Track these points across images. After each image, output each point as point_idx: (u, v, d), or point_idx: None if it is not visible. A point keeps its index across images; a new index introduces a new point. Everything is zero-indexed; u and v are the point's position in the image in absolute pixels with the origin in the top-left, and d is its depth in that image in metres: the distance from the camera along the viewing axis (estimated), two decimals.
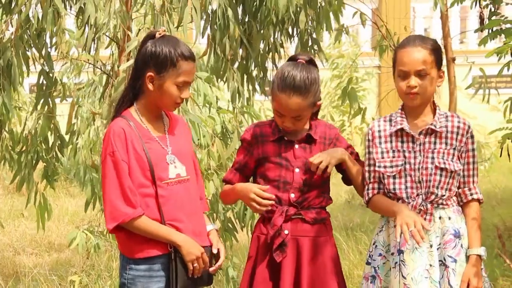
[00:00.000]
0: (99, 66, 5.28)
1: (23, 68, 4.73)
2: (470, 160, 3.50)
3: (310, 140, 3.53)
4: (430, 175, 3.43)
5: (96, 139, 5.85)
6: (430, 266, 3.41)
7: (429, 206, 3.43)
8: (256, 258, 3.51)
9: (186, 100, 3.40)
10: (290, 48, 5.31)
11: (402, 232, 3.28)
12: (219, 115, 5.12)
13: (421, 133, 3.47)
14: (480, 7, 5.27)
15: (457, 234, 3.43)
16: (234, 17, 4.50)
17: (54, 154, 5.00)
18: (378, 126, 3.56)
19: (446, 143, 3.46)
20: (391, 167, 3.48)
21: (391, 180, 3.48)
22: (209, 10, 4.61)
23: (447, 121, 3.48)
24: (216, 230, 3.53)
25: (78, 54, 5.93)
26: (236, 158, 3.64)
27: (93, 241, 5.93)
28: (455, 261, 3.41)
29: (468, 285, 3.37)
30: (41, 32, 4.58)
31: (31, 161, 4.96)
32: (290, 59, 3.55)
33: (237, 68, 4.76)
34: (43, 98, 4.86)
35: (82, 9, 4.33)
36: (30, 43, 4.68)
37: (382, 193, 3.54)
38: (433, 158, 3.44)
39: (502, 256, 6.18)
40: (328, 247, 3.53)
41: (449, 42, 6.95)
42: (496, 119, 10.26)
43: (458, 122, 3.48)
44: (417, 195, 3.44)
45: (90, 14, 4.20)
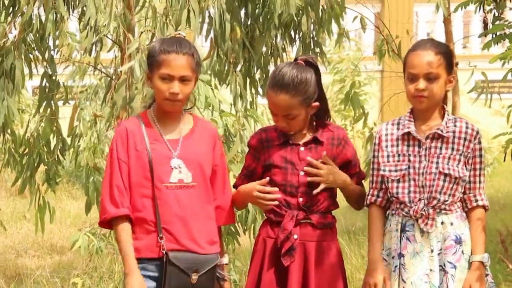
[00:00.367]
0: (102, 69, 5.29)
1: (26, 71, 4.74)
2: (477, 166, 3.47)
3: (317, 142, 3.51)
4: (434, 180, 3.41)
5: (98, 142, 5.86)
6: (430, 271, 3.39)
7: (431, 211, 3.41)
8: (262, 261, 3.50)
9: (188, 97, 3.38)
10: (292, 52, 5.32)
11: None
12: (222, 118, 5.12)
13: (427, 137, 3.45)
14: (484, 12, 5.27)
15: (458, 240, 3.41)
16: (236, 20, 4.51)
17: (56, 157, 5.00)
18: (386, 129, 3.55)
19: (453, 148, 3.43)
20: (396, 171, 3.47)
21: (395, 184, 3.47)
22: (211, 14, 4.62)
23: (455, 126, 3.45)
24: (225, 264, 3.52)
25: (80, 57, 5.93)
26: (244, 164, 3.63)
27: (95, 243, 5.93)
28: (455, 267, 3.39)
29: None
30: (43, 35, 4.59)
31: (33, 163, 4.97)
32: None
33: (239, 71, 4.76)
34: (46, 101, 4.87)
35: (84, 12, 4.33)
36: (33, 46, 4.68)
37: (380, 201, 3.54)
38: (437, 163, 3.41)
39: (505, 261, 6.18)
40: (334, 252, 3.53)
41: (452, 46, 6.95)
42: (499, 124, 10.24)
43: (466, 128, 3.45)
44: (419, 200, 3.42)
45: (91, 16, 4.21)
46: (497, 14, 5.19)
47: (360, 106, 6.21)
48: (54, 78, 4.83)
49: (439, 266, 3.40)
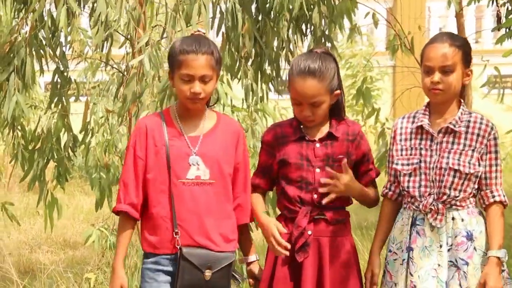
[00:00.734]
0: (114, 65, 5.30)
1: (37, 67, 4.76)
2: (493, 162, 3.43)
3: (332, 138, 3.51)
4: (443, 176, 3.39)
5: (110, 138, 5.87)
6: (439, 266, 3.39)
7: (440, 206, 3.40)
8: (276, 257, 3.50)
9: (210, 95, 3.41)
10: (303, 48, 5.31)
11: None
12: (233, 113, 5.12)
13: (440, 131, 3.44)
14: (497, 6, 5.24)
15: (469, 237, 3.40)
16: (248, 14, 4.50)
17: (67, 153, 5.01)
18: (401, 123, 3.54)
19: (465, 144, 3.41)
20: (407, 165, 3.46)
21: (406, 178, 3.46)
22: (223, 8, 4.62)
23: (469, 121, 3.43)
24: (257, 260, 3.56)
25: (92, 53, 5.94)
26: (259, 160, 3.63)
27: (109, 239, 5.94)
28: (467, 263, 3.38)
29: (485, 285, 3.32)
30: (55, 31, 4.60)
31: (43, 160, 4.98)
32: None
33: (250, 65, 4.76)
34: (57, 97, 4.88)
35: (95, 7, 4.35)
36: (44, 43, 4.69)
37: (391, 195, 3.56)
38: (448, 158, 3.40)
39: None
40: (348, 247, 3.53)
41: None
42: (511, 119, 10.20)
43: (481, 123, 3.42)
44: (429, 195, 3.41)
45: (101, 11, 4.22)
46: (510, 8, 5.16)
47: (371, 102, 6.20)
48: (65, 74, 4.84)
49: (451, 261, 3.39)
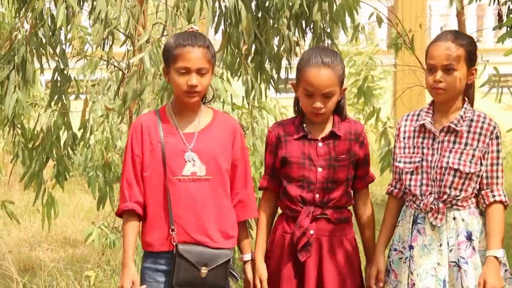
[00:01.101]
0: (114, 63, 5.29)
1: (37, 65, 4.75)
2: (494, 161, 3.42)
3: (335, 137, 3.51)
4: (443, 175, 3.39)
5: (110, 136, 5.86)
6: (438, 264, 3.39)
7: (441, 205, 3.40)
8: (280, 257, 3.51)
9: (206, 89, 3.40)
10: (305, 46, 5.30)
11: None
12: (233, 111, 5.11)
13: (442, 130, 3.43)
14: (498, 4, 5.22)
15: (468, 236, 3.40)
16: (248, 11, 4.49)
17: (66, 151, 5.00)
18: (405, 121, 3.54)
19: (466, 143, 3.40)
20: (410, 163, 3.46)
21: (408, 176, 3.47)
22: (222, 6, 4.61)
23: (472, 120, 3.42)
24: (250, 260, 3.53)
25: (92, 51, 5.93)
26: (265, 163, 3.64)
27: (109, 237, 5.94)
28: (467, 262, 3.37)
29: (485, 285, 3.31)
30: (55, 29, 4.59)
31: (42, 158, 4.97)
32: None
33: (250, 62, 4.75)
34: (57, 95, 4.88)
35: (94, 6, 4.34)
36: (44, 41, 4.69)
37: (396, 193, 3.56)
38: (449, 157, 3.39)
39: None
40: (350, 246, 3.54)
41: None
42: (511, 118, 10.18)
43: (483, 123, 3.41)
44: (430, 194, 3.41)
45: (101, 9, 4.22)
46: None
47: (372, 101, 6.19)
48: (65, 72, 4.84)
49: (453, 262, 3.39)
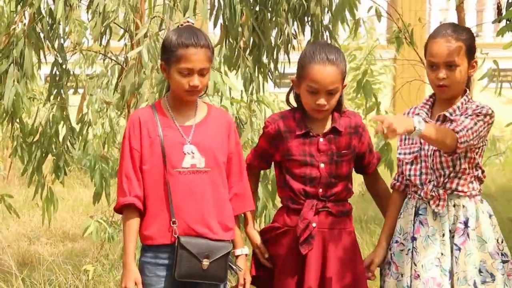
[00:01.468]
0: (112, 57, 5.28)
1: (36, 59, 4.75)
2: (469, 116, 3.34)
3: (336, 132, 3.52)
4: (436, 157, 3.40)
5: (109, 130, 5.86)
6: (442, 255, 3.40)
7: (441, 191, 3.41)
8: (281, 250, 3.54)
9: (205, 87, 3.41)
10: (304, 40, 5.29)
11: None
12: (232, 105, 5.10)
13: (438, 119, 3.44)
14: None
15: (465, 223, 3.41)
16: (245, 4, 4.48)
17: (65, 146, 5.00)
18: (407, 113, 3.56)
19: None
20: (409, 154, 3.49)
21: (408, 166, 3.49)
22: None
23: (467, 108, 3.42)
24: (245, 255, 3.55)
25: (88, 43, 5.92)
26: (258, 144, 3.64)
27: (107, 231, 5.94)
28: (459, 249, 3.39)
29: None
30: (53, 24, 4.59)
31: (41, 153, 4.97)
32: None
33: (248, 54, 4.74)
34: (56, 89, 4.88)
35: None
36: (42, 36, 4.68)
37: (398, 186, 3.57)
38: None
39: None
40: (351, 239, 3.57)
41: None
42: (511, 113, 10.17)
43: (476, 107, 3.40)
44: (429, 182, 3.43)
45: (99, 2, 4.21)
46: (511, 0, 5.13)
47: (371, 95, 6.18)
48: (64, 66, 4.83)
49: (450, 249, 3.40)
